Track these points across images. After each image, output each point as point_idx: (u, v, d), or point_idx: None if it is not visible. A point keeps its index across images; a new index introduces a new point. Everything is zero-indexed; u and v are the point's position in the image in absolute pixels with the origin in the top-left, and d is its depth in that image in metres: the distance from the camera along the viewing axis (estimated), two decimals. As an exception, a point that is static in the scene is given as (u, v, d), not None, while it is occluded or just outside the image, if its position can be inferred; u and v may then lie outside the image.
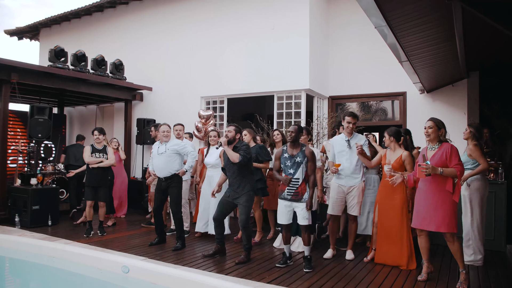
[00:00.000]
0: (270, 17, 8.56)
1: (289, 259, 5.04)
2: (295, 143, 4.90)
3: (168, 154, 5.84)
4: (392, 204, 4.90)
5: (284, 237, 5.06)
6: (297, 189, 4.79)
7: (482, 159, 4.91)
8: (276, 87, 8.43)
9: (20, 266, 5.77)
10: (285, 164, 4.89)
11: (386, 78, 8.25)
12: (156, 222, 6.09)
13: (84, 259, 5.27)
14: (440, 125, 4.36)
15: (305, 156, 4.82)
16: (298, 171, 4.80)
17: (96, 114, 11.44)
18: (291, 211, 4.93)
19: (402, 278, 4.57)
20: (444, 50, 5.33)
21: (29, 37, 13.45)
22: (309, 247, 4.91)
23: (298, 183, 4.79)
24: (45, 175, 8.71)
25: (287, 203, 4.88)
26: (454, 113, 7.58)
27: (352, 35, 8.68)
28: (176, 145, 5.93)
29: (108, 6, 10.98)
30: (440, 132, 4.33)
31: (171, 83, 9.98)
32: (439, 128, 4.33)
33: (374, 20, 4.11)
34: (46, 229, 7.00)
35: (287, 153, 4.91)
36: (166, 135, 5.94)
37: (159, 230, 6.08)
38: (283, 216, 4.93)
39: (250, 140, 6.18)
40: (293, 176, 4.81)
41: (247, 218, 5.12)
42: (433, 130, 4.33)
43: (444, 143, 4.30)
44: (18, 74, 7.62)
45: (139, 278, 4.69)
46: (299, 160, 4.80)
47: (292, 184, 4.82)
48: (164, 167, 5.84)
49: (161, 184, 5.91)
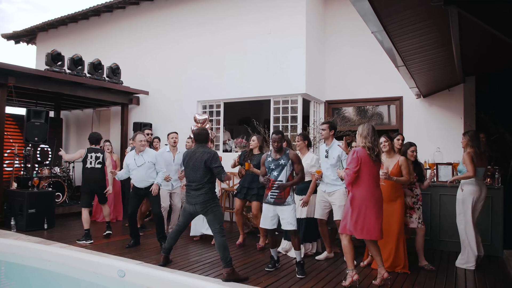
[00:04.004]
0: (267, 21, 8.58)
1: (277, 262, 5.12)
2: (280, 150, 4.90)
3: (147, 166, 6.05)
4: (392, 210, 4.93)
5: (270, 241, 5.08)
6: (280, 192, 4.78)
7: (470, 167, 5.09)
8: (272, 92, 8.45)
9: (15, 269, 5.72)
10: (269, 167, 4.90)
11: (383, 82, 8.27)
12: (130, 225, 6.20)
13: (80, 263, 5.23)
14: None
15: (289, 158, 4.83)
16: (282, 173, 4.80)
17: (93, 118, 11.41)
18: (275, 216, 4.91)
19: (400, 281, 4.57)
20: (440, 55, 5.36)
21: (26, 41, 13.42)
22: (300, 252, 4.90)
23: None
24: (41, 179, 8.67)
25: (271, 208, 4.88)
26: (450, 118, 7.61)
27: (349, 39, 8.71)
28: (152, 157, 6.10)
29: (105, 10, 10.98)
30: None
31: (167, 87, 9.97)
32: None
33: (371, 25, 4.12)
34: (42, 233, 6.96)
35: (271, 157, 4.94)
36: (143, 144, 6.07)
37: (134, 233, 6.22)
38: (267, 221, 4.93)
39: (256, 146, 6.25)
40: (277, 178, 4.80)
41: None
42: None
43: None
44: (15, 78, 7.60)
45: (135, 282, 4.66)
46: (282, 163, 4.81)
47: (275, 187, 4.80)
48: (144, 178, 6.05)
49: (140, 191, 6.08)
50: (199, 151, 4.87)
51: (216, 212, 4.79)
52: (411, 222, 5.19)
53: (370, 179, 4.36)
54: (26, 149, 8.13)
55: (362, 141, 4.42)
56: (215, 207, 4.81)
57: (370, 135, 4.39)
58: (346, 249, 4.47)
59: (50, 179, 8.91)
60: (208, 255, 5.74)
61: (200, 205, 4.77)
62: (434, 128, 7.71)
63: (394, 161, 5.03)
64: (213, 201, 4.82)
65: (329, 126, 5.37)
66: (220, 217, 4.82)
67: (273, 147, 4.94)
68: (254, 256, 5.69)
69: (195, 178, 4.82)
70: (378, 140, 4.47)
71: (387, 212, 4.86)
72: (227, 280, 4.49)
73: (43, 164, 9.71)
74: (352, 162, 4.35)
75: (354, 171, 4.30)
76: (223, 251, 4.59)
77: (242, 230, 6.43)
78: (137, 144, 6.06)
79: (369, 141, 4.37)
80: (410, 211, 5.21)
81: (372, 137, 4.38)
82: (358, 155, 4.34)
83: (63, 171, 9.62)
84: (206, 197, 4.77)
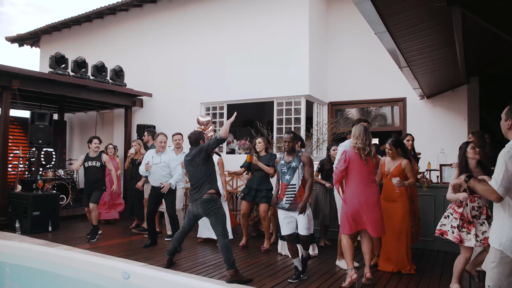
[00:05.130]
0: (270, 23, 8.59)
1: (302, 273, 4.71)
2: (293, 152, 4.72)
3: (162, 166, 6.26)
4: (395, 209, 4.93)
5: (290, 250, 4.73)
6: (295, 196, 4.56)
7: None
8: (275, 93, 8.45)
9: (20, 272, 5.74)
10: (281, 170, 4.73)
11: (386, 84, 8.27)
12: (148, 226, 6.35)
13: (85, 265, 5.25)
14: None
15: (300, 160, 4.63)
16: (294, 176, 4.59)
17: (96, 120, 11.45)
18: (292, 221, 4.66)
19: (405, 282, 4.56)
20: (444, 56, 5.35)
21: (29, 43, 13.49)
22: (299, 259, 4.70)
23: (295, 189, 4.58)
24: (46, 181, 8.70)
25: (287, 213, 4.64)
26: (454, 119, 7.60)
27: (352, 41, 8.71)
28: (168, 159, 6.26)
29: (108, 13, 11.02)
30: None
31: (171, 89, 10.00)
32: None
33: (374, 26, 4.13)
34: (46, 235, 6.99)
35: (283, 160, 4.77)
36: (163, 145, 6.29)
37: (151, 233, 6.35)
38: (285, 227, 4.67)
39: (263, 148, 6.26)
40: (289, 182, 4.60)
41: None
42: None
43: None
44: (19, 81, 7.64)
45: (139, 284, 4.67)
46: (294, 165, 4.60)
47: (289, 192, 4.60)
48: (158, 177, 6.20)
49: (155, 191, 6.22)
50: (195, 151, 4.91)
51: (218, 215, 4.78)
52: (468, 240, 4.10)
53: (360, 178, 4.49)
54: (30, 152, 8.16)
55: (354, 141, 4.56)
56: (217, 209, 4.79)
57: (361, 135, 4.51)
58: (344, 249, 4.50)
59: (54, 182, 8.94)
60: (212, 256, 5.74)
61: (201, 204, 4.77)
62: (438, 129, 7.70)
63: (396, 163, 5.02)
64: (215, 203, 4.80)
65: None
66: (222, 219, 4.80)
67: (284, 149, 4.77)
68: (258, 257, 5.68)
69: (195, 177, 4.86)
70: (370, 139, 4.56)
71: (389, 212, 4.89)
72: (231, 281, 4.48)
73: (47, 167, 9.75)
74: (339, 162, 4.58)
75: (341, 170, 4.50)
76: (226, 253, 4.58)
77: (246, 232, 6.43)
78: (157, 145, 6.31)
79: (360, 141, 4.50)
80: (468, 226, 4.13)
81: (363, 137, 4.50)
82: (347, 156, 4.52)
83: (67, 173, 9.65)
84: (208, 195, 4.78)
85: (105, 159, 6.93)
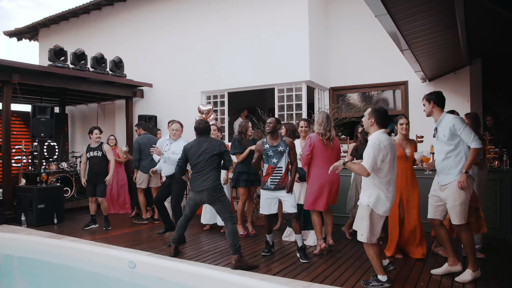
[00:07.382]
0: (269, 9, 8.50)
1: (272, 247, 5.28)
2: (274, 134, 5.02)
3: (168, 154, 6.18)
4: (412, 197, 4.93)
5: (266, 226, 5.19)
6: (281, 178, 4.93)
7: None
8: (276, 80, 8.40)
9: (28, 264, 5.80)
10: (267, 154, 4.99)
11: (387, 67, 8.20)
12: (160, 212, 6.37)
13: (91, 256, 5.31)
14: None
15: (287, 145, 4.98)
16: (282, 160, 4.95)
17: (98, 112, 11.43)
18: (275, 202, 5.06)
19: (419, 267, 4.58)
20: (446, 38, 5.29)
21: (28, 37, 13.42)
22: (301, 236, 5.02)
23: (282, 171, 4.94)
24: (49, 174, 8.73)
25: (270, 194, 5.00)
26: (457, 101, 7.53)
27: (352, 25, 8.62)
28: (175, 148, 6.08)
29: (105, 3, 10.92)
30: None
31: (171, 79, 9.95)
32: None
33: (374, 9, 4.07)
34: (52, 227, 7.04)
35: (267, 144, 5.02)
36: (174, 133, 6.24)
37: (165, 219, 6.36)
38: (266, 207, 5.06)
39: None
40: (277, 165, 4.95)
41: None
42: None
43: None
44: (19, 75, 7.62)
45: (145, 273, 4.71)
46: (281, 149, 4.95)
47: (275, 173, 4.94)
48: (167, 166, 6.18)
49: (167, 180, 6.27)
50: (207, 140, 4.99)
51: (224, 202, 4.89)
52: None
53: (323, 161, 5.05)
54: (33, 145, 8.17)
55: (317, 128, 5.12)
56: (222, 197, 4.90)
57: (324, 122, 5.09)
58: (315, 223, 5.15)
59: (58, 174, 8.97)
60: (217, 244, 5.78)
61: (207, 192, 4.83)
62: (441, 111, 7.63)
63: (409, 144, 5.16)
64: (220, 191, 4.92)
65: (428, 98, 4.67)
66: (228, 206, 4.91)
67: (266, 130, 5.06)
68: (263, 244, 5.69)
69: (202, 167, 4.89)
70: (331, 126, 5.13)
71: (408, 199, 4.91)
72: (236, 267, 4.52)
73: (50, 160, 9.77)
74: (305, 147, 5.13)
75: (307, 154, 5.09)
76: (233, 237, 4.66)
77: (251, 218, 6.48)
78: (171, 133, 6.27)
79: (323, 127, 5.08)
80: None
81: (325, 124, 5.08)
82: (312, 141, 5.07)
83: (71, 166, 9.67)
84: (214, 184, 4.85)
85: (105, 148, 6.97)
